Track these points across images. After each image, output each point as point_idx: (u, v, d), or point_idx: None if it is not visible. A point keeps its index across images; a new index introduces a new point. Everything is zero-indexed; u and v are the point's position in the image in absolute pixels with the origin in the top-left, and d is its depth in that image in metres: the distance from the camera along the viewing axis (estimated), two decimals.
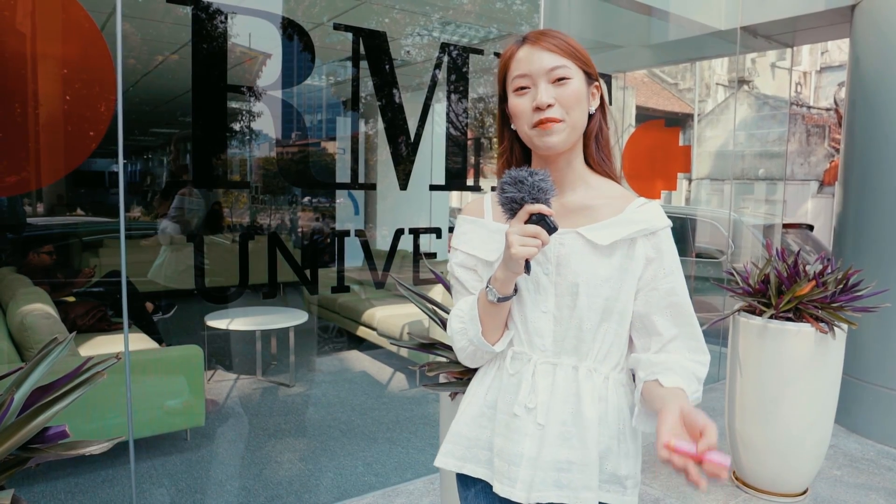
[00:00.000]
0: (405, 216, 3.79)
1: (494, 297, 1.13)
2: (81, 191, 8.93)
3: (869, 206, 3.85)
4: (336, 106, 6.46)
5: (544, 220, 1.06)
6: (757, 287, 3.07)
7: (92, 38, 2.37)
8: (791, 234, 6.78)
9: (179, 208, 5.49)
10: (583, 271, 1.15)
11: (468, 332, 1.19)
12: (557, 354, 1.18)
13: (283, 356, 5.06)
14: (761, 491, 3.08)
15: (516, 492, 1.16)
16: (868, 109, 3.89)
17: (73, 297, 4.42)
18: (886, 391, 3.73)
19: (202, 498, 2.99)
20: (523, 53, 1.16)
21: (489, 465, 1.23)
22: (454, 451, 1.27)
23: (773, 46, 5.18)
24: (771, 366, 2.96)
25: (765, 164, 10.77)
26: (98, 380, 1.22)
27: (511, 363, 1.21)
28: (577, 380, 1.17)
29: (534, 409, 1.16)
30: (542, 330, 1.17)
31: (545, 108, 1.12)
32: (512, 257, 1.06)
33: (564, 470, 1.15)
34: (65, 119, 2.37)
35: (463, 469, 1.26)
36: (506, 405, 1.20)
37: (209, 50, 2.60)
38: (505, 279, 1.11)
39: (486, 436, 1.23)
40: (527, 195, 1.07)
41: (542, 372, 1.17)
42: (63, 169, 2.59)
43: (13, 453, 1.17)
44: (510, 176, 1.09)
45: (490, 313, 1.16)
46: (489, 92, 4.46)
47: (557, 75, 1.14)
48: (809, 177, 13.80)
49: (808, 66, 16.84)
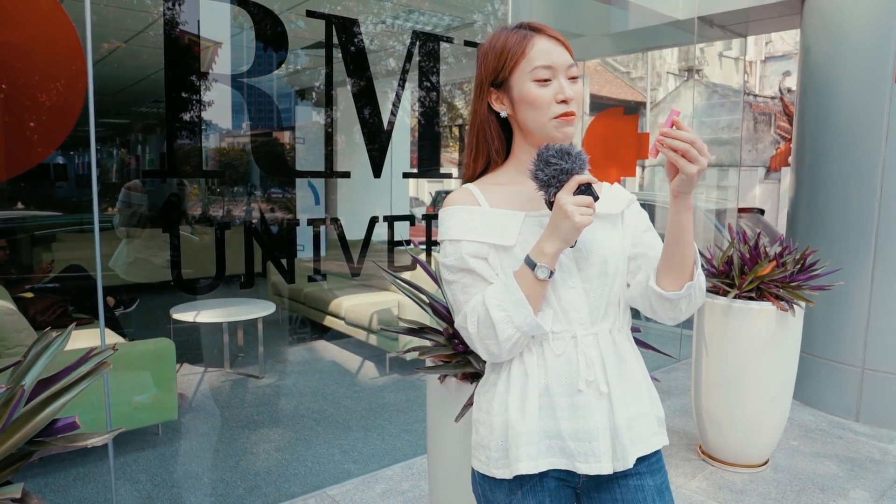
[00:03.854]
0: (366, 205, 3.76)
1: (547, 273, 1.13)
2: (22, 184, 8.61)
3: (819, 189, 4.04)
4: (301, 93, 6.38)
5: (591, 189, 1.11)
6: (721, 268, 3.19)
7: (55, 21, 2.29)
8: (744, 218, 7.04)
9: (125, 202, 5.36)
10: (605, 243, 1.23)
11: (514, 319, 1.14)
12: (594, 324, 1.22)
13: (250, 348, 5.01)
14: (726, 463, 3.23)
15: (603, 465, 1.19)
16: (817, 97, 4.07)
17: (30, 294, 4.28)
18: (837, 365, 3.94)
19: (179, 492, 2.96)
20: (546, 45, 1.19)
21: (562, 452, 1.20)
22: (531, 452, 1.20)
23: (728, 36, 5.35)
24: (734, 344, 3.10)
25: (716, 150, 11.10)
26: (104, 370, 1.21)
27: (554, 344, 1.21)
28: (614, 341, 1.24)
29: (593, 381, 1.20)
30: (576, 304, 1.21)
31: (570, 101, 1.19)
32: (575, 227, 1.09)
33: (633, 426, 1.22)
34: (33, 110, 2.29)
35: (538, 467, 1.20)
36: (562, 387, 1.20)
37: (177, 37, 2.55)
38: (557, 252, 1.13)
39: (550, 424, 1.20)
40: (574, 165, 1.12)
41: (587, 344, 1.21)
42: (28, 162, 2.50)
43: (20, 447, 1.16)
44: (554, 149, 1.13)
45: (536, 293, 1.15)
46: (457, 79, 4.48)
47: (572, 73, 1.21)
48: (756, 163, 14.30)
49: (754, 55, 17.37)
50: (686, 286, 1.17)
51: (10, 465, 1.15)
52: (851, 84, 3.84)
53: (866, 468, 3.24)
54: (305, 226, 3.20)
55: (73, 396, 1.16)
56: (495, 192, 1.26)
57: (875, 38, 3.71)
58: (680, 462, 3.29)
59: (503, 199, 1.24)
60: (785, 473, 3.17)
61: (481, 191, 1.26)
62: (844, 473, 3.18)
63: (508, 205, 1.23)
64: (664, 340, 5.70)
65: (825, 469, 3.22)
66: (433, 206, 11.91)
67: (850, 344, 3.87)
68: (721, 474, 3.17)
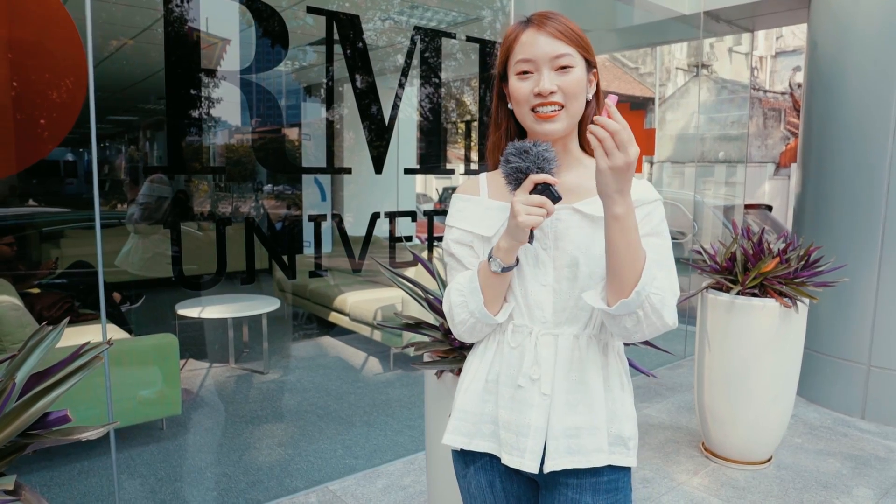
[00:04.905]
0: (372, 201, 3.79)
1: (499, 266, 1.15)
2: (34, 181, 8.70)
3: (826, 185, 4.00)
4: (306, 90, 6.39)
5: (549, 190, 1.08)
6: (724, 265, 3.18)
7: (57, 19, 2.31)
8: (751, 214, 7.00)
9: (148, 195, 5.39)
10: (581, 244, 1.18)
11: (469, 305, 1.20)
12: (558, 325, 1.21)
13: (255, 343, 5.03)
14: (729, 460, 3.21)
15: (526, 462, 1.18)
16: (825, 93, 4.03)
17: (37, 289, 4.32)
18: (842, 362, 3.91)
19: (182, 486, 2.98)
20: (528, 37, 1.17)
21: (495, 438, 1.24)
22: (461, 428, 1.27)
23: (734, 31, 5.31)
24: (738, 340, 3.08)
25: (724, 146, 11.03)
26: (97, 364, 1.22)
27: (512, 336, 1.23)
28: (578, 348, 1.21)
29: (538, 379, 1.19)
30: (542, 302, 1.21)
31: (547, 95, 1.15)
32: (518, 226, 1.08)
33: (574, 436, 1.19)
34: (34, 106, 2.31)
35: (470, 445, 1.26)
36: (509, 378, 1.22)
37: (180, 34, 2.56)
38: (509, 248, 1.13)
39: (491, 410, 1.25)
40: (532, 165, 1.10)
41: (544, 343, 1.21)
42: (30, 158, 2.51)
43: (13, 440, 1.17)
44: (515, 147, 1.12)
45: (491, 284, 1.18)
46: (459, 76, 4.47)
47: (561, 63, 1.15)
48: (766, 159, 14.19)
49: (764, 50, 17.23)
50: (619, 303, 1.07)
51: (3, 458, 1.17)
52: (859, 79, 3.80)
53: (871, 466, 3.21)
54: (307, 222, 3.21)
55: (65, 390, 1.17)
56: (498, 184, 1.27)
57: (884, 32, 3.67)
58: (682, 459, 3.28)
59: (503, 191, 1.25)
60: (788, 471, 3.15)
61: (488, 181, 1.31)
62: (848, 471, 3.15)
63: (506, 197, 1.24)
64: (669, 337, 5.67)
65: (829, 466, 3.20)
66: (441, 203, 11.90)
67: (856, 341, 3.84)
68: (724, 471, 3.15)
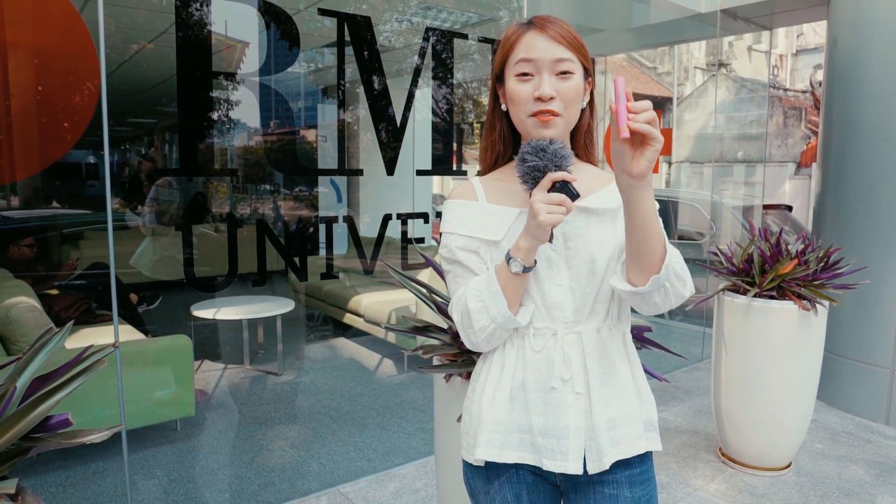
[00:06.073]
0: (388, 202, 3.79)
1: (520, 267, 1.12)
2: (57, 183, 8.83)
3: (846, 185, 3.92)
4: (318, 93, 6.41)
5: (567, 188, 1.07)
6: (741, 266, 3.12)
7: (72, 25, 2.33)
8: (770, 214, 6.90)
9: (154, 199, 5.45)
10: (594, 240, 1.18)
11: (490, 310, 1.16)
12: (579, 322, 1.20)
13: (270, 345, 5.05)
14: (746, 465, 3.15)
15: (570, 464, 1.16)
16: (845, 91, 3.95)
17: (55, 290, 4.37)
18: (865, 366, 3.82)
19: (195, 487, 2.99)
20: (531, 38, 1.15)
21: (524, 446, 1.21)
22: (493, 441, 1.22)
23: (752, 29, 5.23)
24: (755, 343, 3.02)
25: (743, 146, 10.90)
26: (99, 367, 1.22)
27: (534, 340, 1.20)
28: (602, 341, 1.20)
29: (569, 379, 1.18)
30: (561, 303, 1.19)
31: (547, 99, 1.13)
32: (539, 225, 1.06)
33: (613, 428, 1.18)
34: (47, 110, 2.33)
35: (501, 457, 1.21)
36: (538, 383, 1.20)
37: (192, 37, 2.57)
38: (530, 248, 1.11)
39: (518, 418, 1.21)
40: (549, 163, 1.08)
41: (569, 342, 1.19)
42: (43, 161, 2.54)
43: (15, 443, 1.17)
44: (530, 146, 1.10)
45: (512, 287, 1.15)
46: (473, 77, 4.46)
47: (562, 68, 1.14)
48: (787, 159, 13.99)
49: (785, 48, 17.01)
50: (651, 280, 1.10)
51: (5, 462, 1.17)
52: (880, 76, 3.71)
53: (895, 474, 3.14)
54: (320, 223, 3.21)
55: (67, 394, 1.16)
56: (496, 188, 1.26)
57: None
58: (699, 464, 3.23)
59: (502, 195, 1.24)
60: (808, 477, 3.09)
61: (483, 186, 1.27)
62: (872, 478, 3.08)
63: (505, 201, 1.23)
64: (687, 339, 5.61)
65: (851, 474, 3.13)
66: None
67: (880, 344, 3.75)
68: (741, 477, 3.09)
